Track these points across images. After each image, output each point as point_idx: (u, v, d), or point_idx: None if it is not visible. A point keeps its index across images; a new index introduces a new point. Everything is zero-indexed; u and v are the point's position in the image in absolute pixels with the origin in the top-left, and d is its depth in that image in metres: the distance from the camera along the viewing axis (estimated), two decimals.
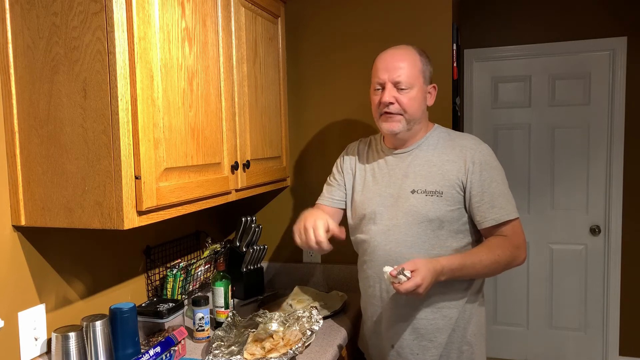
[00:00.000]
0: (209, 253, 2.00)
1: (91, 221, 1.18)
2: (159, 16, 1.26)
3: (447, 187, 1.44)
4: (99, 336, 1.31)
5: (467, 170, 1.44)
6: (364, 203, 1.57)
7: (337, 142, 2.17)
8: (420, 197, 1.45)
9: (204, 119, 1.49)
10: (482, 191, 1.43)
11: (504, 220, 1.42)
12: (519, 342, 3.45)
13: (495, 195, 1.43)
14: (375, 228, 1.52)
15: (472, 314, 1.50)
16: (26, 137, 1.21)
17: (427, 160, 1.49)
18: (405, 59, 1.46)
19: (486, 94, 3.38)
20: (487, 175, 1.44)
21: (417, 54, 1.49)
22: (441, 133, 1.55)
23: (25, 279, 1.30)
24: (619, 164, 3.14)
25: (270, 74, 2.00)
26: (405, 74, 1.45)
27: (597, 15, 3.11)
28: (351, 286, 2.11)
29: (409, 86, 1.45)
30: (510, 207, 1.44)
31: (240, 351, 1.45)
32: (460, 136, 1.54)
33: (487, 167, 1.44)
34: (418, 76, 1.46)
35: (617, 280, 3.20)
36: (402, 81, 1.44)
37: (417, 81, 1.46)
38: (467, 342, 1.49)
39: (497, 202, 1.42)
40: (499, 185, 1.44)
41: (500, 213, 1.42)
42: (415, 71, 1.46)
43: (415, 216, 1.45)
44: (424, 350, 1.48)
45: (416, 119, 1.49)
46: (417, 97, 1.46)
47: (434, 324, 1.47)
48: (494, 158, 1.48)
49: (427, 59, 1.52)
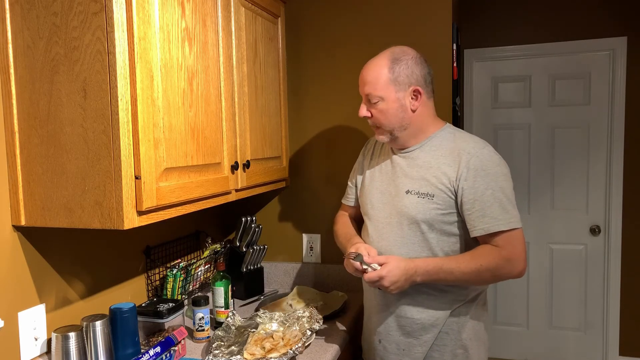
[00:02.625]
0: (209, 253, 2.00)
1: (91, 221, 1.18)
2: (159, 16, 1.26)
3: (439, 190, 1.41)
4: (99, 336, 1.31)
5: (460, 176, 1.39)
6: (366, 198, 1.59)
7: (337, 142, 2.17)
8: (412, 198, 1.44)
9: (204, 119, 1.49)
10: (473, 199, 1.37)
11: (493, 231, 1.36)
12: (519, 342, 3.45)
13: (488, 204, 1.36)
14: (371, 224, 1.54)
15: (467, 320, 1.49)
16: (26, 137, 1.21)
17: (426, 161, 1.47)
18: (371, 72, 1.45)
19: (486, 94, 3.38)
20: (482, 183, 1.37)
21: (386, 64, 1.43)
22: (447, 134, 1.50)
23: (25, 279, 1.30)
24: (619, 164, 3.14)
25: (270, 74, 2.00)
26: (372, 88, 1.44)
27: (597, 15, 3.11)
28: (351, 286, 2.11)
29: (378, 99, 1.44)
30: (505, 217, 1.36)
31: (240, 351, 1.45)
32: (464, 139, 1.47)
33: (482, 174, 1.38)
34: (386, 87, 1.43)
35: (617, 280, 3.20)
36: (370, 95, 1.45)
37: (386, 92, 1.43)
38: (461, 346, 1.48)
39: (489, 212, 1.36)
40: (494, 193, 1.37)
41: (491, 223, 1.36)
42: (381, 83, 1.43)
43: (406, 216, 1.45)
44: (409, 347, 1.49)
45: (396, 127, 1.46)
46: (388, 108, 1.44)
47: (419, 324, 1.47)
48: (495, 164, 1.40)
49: (403, 63, 1.43)
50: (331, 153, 2.19)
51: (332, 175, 2.18)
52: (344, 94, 2.14)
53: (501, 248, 1.37)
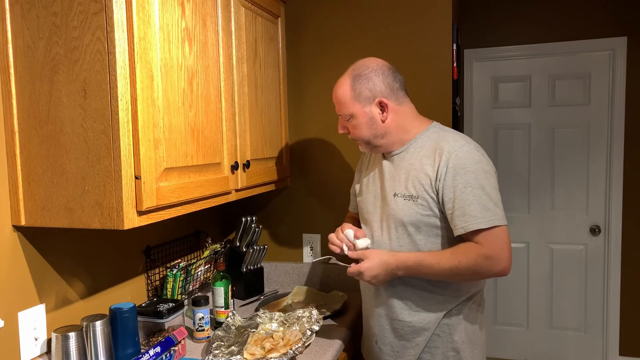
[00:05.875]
0: (209, 253, 2.00)
1: (91, 221, 1.18)
2: (159, 16, 1.26)
3: (422, 191, 1.41)
4: (99, 336, 1.31)
5: (440, 176, 1.38)
6: (362, 203, 1.62)
7: (337, 142, 2.17)
8: (399, 201, 1.45)
9: (204, 119, 1.49)
10: (453, 197, 1.36)
11: (472, 229, 1.33)
12: (519, 342, 3.45)
13: (468, 202, 1.34)
14: (367, 229, 1.57)
15: (460, 321, 1.48)
16: (26, 137, 1.21)
17: (410, 163, 1.46)
18: (337, 92, 1.50)
19: (486, 94, 3.38)
20: (461, 181, 1.35)
21: (347, 82, 1.47)
22: (431, 134, 1.49)
23: (25, 279, 1.30)
24: (619, 164, 3.14)
25: (270, 74, 2.00)
26: (340, 107, 1.50)
27: (597, 15, 3.11)
28: (351, 286, 2.11)
29: (348, 116, 1.49)
30: (485, 215, 1.33)
31: (240, 351, 1.45)
32: (445, 138, 1.44)
33: (461, 172, 1.36)
34: (352, 103, 1.47)
35: (617, 280, 3.20)
36: (342, 113, 1.51)
37: (354, 108, 1.47)
38: (453, 348, 1.47)
39: (469, 210, 1.34)
40: (474, 190, 1.35)
41: (470, 221, 1.33)
42: (346, 100, 1.47)
43: (393, 219, 1.46)
44: (403, 349, 1.50)
45: (371, 139, 1.49)
46: (359, 122, 1.48)
47: (411, 326, 1.47)
48: (474, 161, 1.37)
49: (363, 77, 1.45)
50: (331, 153, 2.19)
51: (332, 175, 2.19)
52: None
53: (482, 246, 1.35)
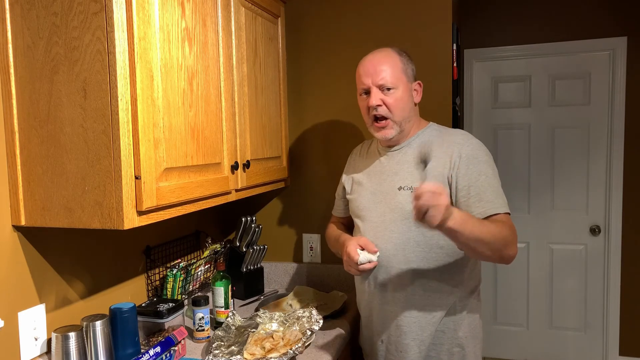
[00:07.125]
0: (209, 253, 2.00)
1: (91, 221, 1.18)
2: (159, 16, 1.26)
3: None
4: (99, 336, 1.31)
5: (453, 165, 1.41)
6: (357, 202, 1.62)
7: (337, 142, 2.17)
8: (406, 194, 1.45)
9: (204, 119, 1.49)
10: (468, 185, 1.39)
11: (490, 213, 1.35)
12: (519, 342, 3.45)
13: (483, 189, 1.38)
14: (365, 225, 1.55)
15: (464, 316, 1.49)
16: (26, 137, 1.21)
17: (416, 157, 1.47)
18: (385, 61, 1.49)
19: (486, 94, 3.38)
20: (475, 169, 1.40)
21: (396, 55, 1.51)
22: (433, 131, 1.55)
23: (25, 279, 1.30)
24: (619, 164, 3.14)
25: (270, 74, 2.00)
26: (388, 76, 1.47)
27: (597, 15, 3.11)
28: (351, 286, 2.11)
29: (393, 87, 1.47)
30: (499, 201, 1.38)
31: (240, 351, 1.45)
32: (450, 133, 1.52)
33: (474, 161, 1.41)
34: (401, 76, 1.48)
35: (617, 280, 3.20)
36: (386, 83, 1.47)
37: (401, 81, 1.48)
38: (458, 344, 1.48)
39: (485, 196, 1.37)
40: (488, 178, 1.39)
41: (488, 207, 1.36)
42: (397, 71, 1.48)
43: (400, 213, 1.46)
44: (407, 348, 1.49)
45: (406, 118, 1.50)
46: (402, 96, 1.48)
47: (417, 323, 1.47)
48: (484, 152, 1.45)
49: (408, 57, 1.54)
50: (331, 153, 2.19)
51: (332, 175, 2.18)
52: (344, 94, 2.14)
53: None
